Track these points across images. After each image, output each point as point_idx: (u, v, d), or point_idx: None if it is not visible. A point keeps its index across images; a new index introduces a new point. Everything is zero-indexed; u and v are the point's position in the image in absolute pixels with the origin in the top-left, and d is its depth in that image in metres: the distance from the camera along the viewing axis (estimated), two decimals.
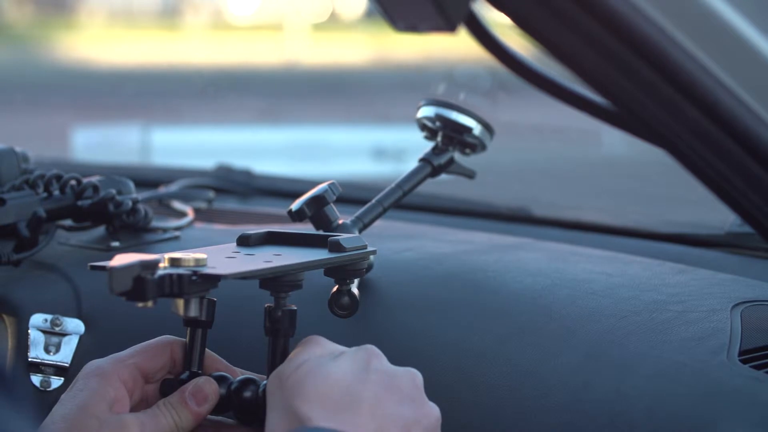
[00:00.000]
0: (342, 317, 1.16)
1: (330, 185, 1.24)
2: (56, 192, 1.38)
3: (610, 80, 0.87)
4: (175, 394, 1.00)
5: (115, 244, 1.40)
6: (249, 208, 1.79)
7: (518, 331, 1.20)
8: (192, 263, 0.95)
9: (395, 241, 1.40)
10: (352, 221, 1.27)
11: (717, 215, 1.58)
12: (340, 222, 1.24)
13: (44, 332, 1.29)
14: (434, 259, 1.34)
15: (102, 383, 0.99)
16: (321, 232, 1.20)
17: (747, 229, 1.56)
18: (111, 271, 0.90)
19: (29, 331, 1.29)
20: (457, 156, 1.35)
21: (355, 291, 1.15)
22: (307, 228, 1.25)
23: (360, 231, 1.27)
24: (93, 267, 0.94)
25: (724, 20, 0.86)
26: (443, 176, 1.35)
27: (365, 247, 1.07)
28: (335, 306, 1.15)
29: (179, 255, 0.96)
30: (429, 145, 1.35)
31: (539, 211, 1.81)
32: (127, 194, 1.43)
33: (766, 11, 0.88)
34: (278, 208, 1.70)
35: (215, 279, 0.95)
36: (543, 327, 1.21)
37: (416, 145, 1.38)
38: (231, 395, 1.02)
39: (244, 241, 1.07)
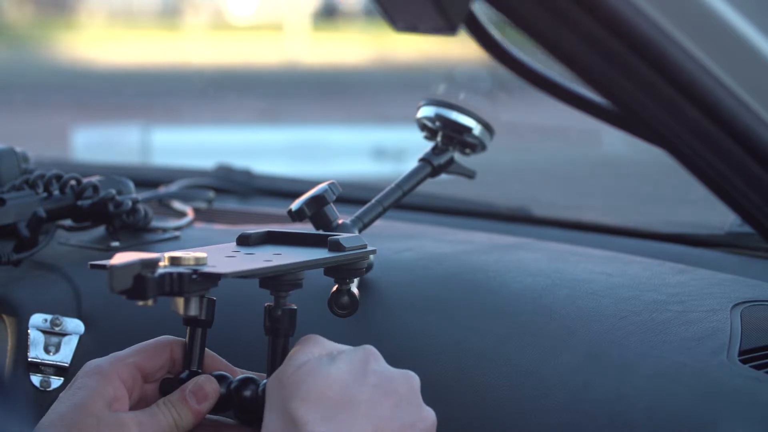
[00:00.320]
0: (341, 317, 1.16)
1: (330, 185, 1.24)
2: (56, 192, 1.38)
3: (610, 80, 0.87)
4: (176, 393, 1.00)
5: (115, 244, 1.40)
6: (249, 208, 1.79)
7: (518, 331, 1.20)
8: (192, 262, 0.96)
9: (395, 241, 1.40)
10: (352, 221, 1.27)
11: (717, 215, 1.58)
12: (340, 222, 1.25)
13: (44, 332, 1.29)
14: (434, 259, 1.34)
15: (101, 382, 0.99)
16: (321, 232, 1.20)
17: (747, 229, 1.56)
18: (111, 270, 0.90)
19: (29, 331, 1.29)
20: (457, 156, 1.35)
21: (355, 290, 1.15)
22: (307, 228, 1.25)
23: (360, 231, 1.27)
24: (93, 266, 0.94)
25: (724, 20, 0.86)
26: (443, 176, 1.35)
27: (365, 247, 1.07)
28: (335, 305, 1.15)
29: (179, 254, 0.96)
30: (429, 145, 1.35)
31: (539, 211, 1.81)
32: (127, 194, 1.43)
33: (766, 11, 0.88)
34: (278, 208, 1.70)
35: (215, 278, 0.96)
36: (543, 327, 1.21)
37: (416, 145, 1.38)
38: (231, 394, 1.02)
39: (244, 241, 1.07)
